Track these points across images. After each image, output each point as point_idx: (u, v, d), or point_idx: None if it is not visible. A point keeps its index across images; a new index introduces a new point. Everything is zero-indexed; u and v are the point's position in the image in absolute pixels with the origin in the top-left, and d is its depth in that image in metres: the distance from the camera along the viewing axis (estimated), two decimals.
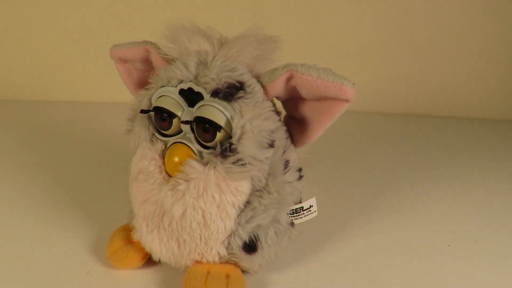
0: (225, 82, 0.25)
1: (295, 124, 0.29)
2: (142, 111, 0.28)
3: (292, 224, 0.30)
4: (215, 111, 0.25)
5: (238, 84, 0.26)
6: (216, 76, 0.26)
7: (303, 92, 0.26)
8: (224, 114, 0.25)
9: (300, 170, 0.30)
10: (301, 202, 0.31)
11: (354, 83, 0.24)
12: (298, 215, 0.31)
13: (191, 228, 0.26)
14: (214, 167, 0.25)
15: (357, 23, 0.72)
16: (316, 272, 0.30)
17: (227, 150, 0.25)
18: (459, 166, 0.52)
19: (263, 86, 0.26)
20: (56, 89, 0.76)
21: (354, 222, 0.37)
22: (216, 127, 0.25)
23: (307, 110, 0.28)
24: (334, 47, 0.73)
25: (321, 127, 0.27)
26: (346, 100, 0.25)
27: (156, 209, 0.27)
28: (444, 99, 0.77)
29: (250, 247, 0.27)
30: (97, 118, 0.66)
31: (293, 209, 0.30)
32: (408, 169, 0.50)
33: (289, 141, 0.29)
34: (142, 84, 0.34)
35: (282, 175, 0.28)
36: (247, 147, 0.25)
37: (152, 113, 0.28)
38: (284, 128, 0.28)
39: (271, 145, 0.26)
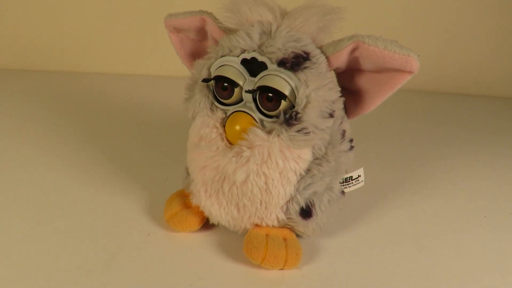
0: (291, 52, 0.26)
1: (348, 95, 0.30)
2: (204, 80, 0.28)
3: (343, 192, 0.31)
4: (281, 80, 0.26)
5: (304, 54, 0.26)
6: (282, 46, 0.26)
7: (366, 63, 0.27)
8: (289, 83, 0.26)
9: (351, 140, 0.31)
10: (347, 172, 0.32)
11: (419, 55, 0.25)
12: (348, 184, 0.32)
13: (252, 193, 0.27)
14: (278, 135, 0.26)
15: (386, 2, 0.72)
16: (362, 238, 0.32)
17: (292, 118, 0.26)
18: (491, 143, 0.53)
19: (326, 57, 0.27)
20: (88, 60, 0.76)
21: (395, 192, 0.39)
22: (281, 96, 0.26)
23: (364, 81, 0.28)
24: (360, 25, 0.72)
25: (379, 98, 0.28)
26: (410, 72, 0.25)
27: (216, 175, 0.28)
28: (475, 77, 0.76)
29: (306, 212, 0.29)
30: (128, 90, 0.67)
31: (343, 178, 0.31)
32: (444, 145, 0.51)
33: (344, 112, 0.30)
34: (194, 54, 0.35)
35: (339, 145, 0.29)
36: (311, 116, 0.26)
37: (212, 82, 0.28)
38: (342, 99, 0.28)
39: (332, 115, 0.27)
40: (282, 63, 0.26)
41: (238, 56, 0.28)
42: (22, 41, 0.75)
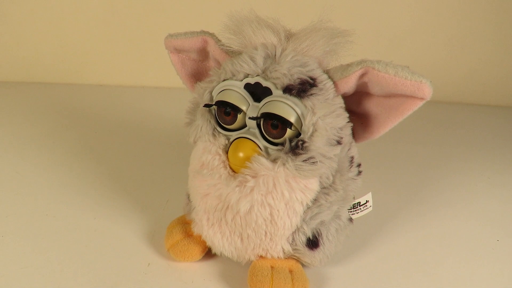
0: (297, 78, 0.25)
1: (356, 119, 0.29)
2: (206, 105, 0.27)
3: (350, 219, 0.30)
4: (286, 107, 0.25)
5: (311, 80, 0.25)
6: (288, 72, 0.25)
7: (375, 89, 0.25)
8: (295, 110, 0.25)
9: (359, 165, 0.30)
10: (354, 197, 0.31)
11: (431, 81, 0.24)
12: (356, 211, 0.31)
13: (256, 224, 0.26)
14: (284, 164, 0.25)
15: (389, 11, 0.71)
16: (370, 265, 0.31)
17: (298, 147, 0.25)
18: (500, 158, 0.51)
19: (333, 82, 0.26)
20: (88, 72, 0.75)
21: (404, 215, 0.37)
22: (286, 124, 0.25)
23: (373, 106, 0.27)
24: (364, 35, 0.71)
25: (389, 124, 0.27)
26: (422, 98, 0.24)
27: (219, 203, 0.27)
28: (483, 86, 0.75)
29: (313, 243, 0.27)
30: (127, 102, 0.66)
31: (351, 205, 0.30)
32: (451, 163, 0.50)
33: (351, 137, 0.29)
34: (195, 74, 0.33)
35: (347, 172, 0.28)
36: (318, 144, 0.25)
37: (215, 107, 0.27)
38: (350, 124, 0.27)
39: (339, 142, 0.26)
40: (287, 89, 0.25)
41: (241, 81, 0.27)
42: (22, 54, 0.74)
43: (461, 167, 0.48)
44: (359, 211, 0.31)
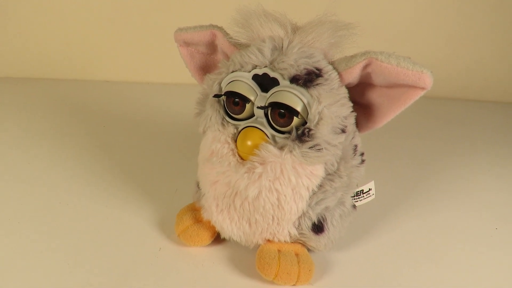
0: (304, 68, 0.26)
1: (359, 109, 0.30)
2: (216, 95, 0.29)
3: (354, 206, 0.31)
4: (293, 97, 0.26)
5: (317, 71, 0.26)
6: (295, 62, 0.26)
7: (378, 79, 0.27)
8: (301, 100, 0.26)
9: (362, 154, 0.31)
10: (358, 185, 0.32)
11: (432, 71, 0.25)
12: (359, 198, 0.32)
13: (264, 209, 0.27)
14: (291, 151, 0.26)
15: (391, 6, 0.71)
16: (374, 251, 0.32)
17: (304, 135, 0.26)
18: (499, 151, 0.52)
19: (338, 72, 0.27)
20: (94, 68, 0.76)
21: (406, 205, 0.39)
22: (293, 112, 0.26)
23: (376, 96, 0.28)
24: (366, 29, 0.72)
25: (391, 113, 0.28)
26: (423, 88, 0.25)
27: (228, 190, 0.28)
28: (486, 82, 0.75)
29: (318, 227, 0.28)
30: (134, 98, 0.67)
31: (354, 192, 0.31)
32: (455, 155, 0.51)
33: (355, 126, 0.30)
34: (204, 67, 0.35)
35: (351, 160, 0.29)
36: (323, 132, 0.26)
37: (223, 97, 0.29)
38: (354, 113, 0.28)
39: (344, 131, 0.27)
40: (294, 80, 0.26)
41: (250, 72, 0.28)
42: (28, 50, 0.75)
43: (462, 161, 0.49)
44: (362, 198, 0.32)
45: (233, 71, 0.28)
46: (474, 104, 0.73)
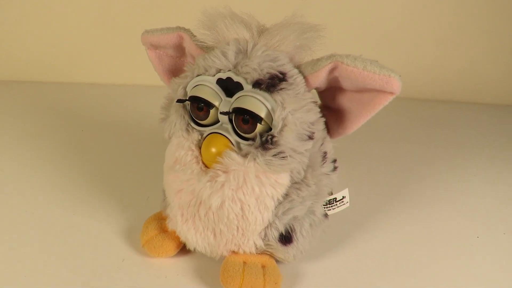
0: (267, 72, 0.25)
1: (331, 114, 0.29)
2: (179, 101, 0.27)
3: (326, 215, 0.30)
4: (256, 102, 0.25)
5: (280, 75, 0.25)
6: (258, 66, 0.25)
7: (346, 83, 0.25)
8: (265, 105, 0.25)
9: (334, 161, 0.30)
10: (332, 193, 0.31)
11: (400, 75, 0.24)
12: (332, 206, 0.31)
13: (228, 219, 0.26)
14: (254, 159, 0.25)
15: (377, 9, 0.70)
16: (346, 262, 0.31)
17: (268, 142, 0.25)
18: (486, 155, 0.51)
19: (304, 77, 0.26)
20: (78, 71, 0.75)
21: (383, 212, 0.37)
22: (256, 118, 0.25)
23: (346, 101, 0.27)
24: (351, 33, 0.71)
25: (361, 119, 0.27)
26: (392, 93, 0.24)
27: (192, 199, 0.27)
28: (468, 84, 0.74)
29: (286, 238, 0.27)
30: (118, 101, 0.66)
31: (326, 200, 0.30)
32: (435, 159, 0.50)
33: (325, 132, 0.29)
34: (173, 70, 0.33)
35: (320, 167, 0.28)
36: (288, 139, 0.25)
37: (188, 102, 0.27)
38: (323, 119, 0.27)
39: (311, 137, 0.26)
40: (257, 84, 0.25)
41: (214, 76, 0.27)
42: (12, 52, 0.74)
43: (447, 165, 0.48)
44: (335, 207, 0.31)
45: (198, 75, 0.27)
46: (461, 106, 0.71)
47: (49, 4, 0.71)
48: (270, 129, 0.25)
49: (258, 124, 0.25)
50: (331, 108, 0.29)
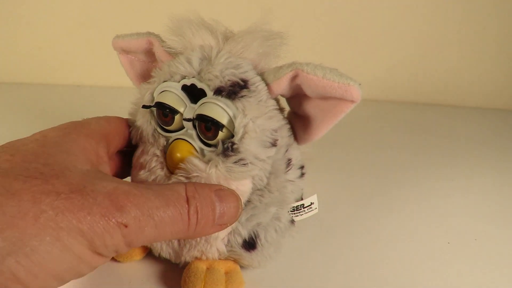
0: (228, 80, 0.25)
1: (298, 121, 0.29)
2: (144, 106, 0.27)
3: (292, 221, 0.30)
4: (218, 109, 0.25)
5: (242, 82, 0.25)
6: (220, 73, 0.25)
7: (308, 91, 0.26)
8: (226, 112, 0.25)
9: (302, 167, 0.30)
10: (302, 199, 0.31)
11: (360, 84, 0.24)
12: (299, 212, 0.31)
13: None
14: (216, 166, 0.25)
15: (360, 11, 0.71)
16: (314, 269, 0.30)
17: (228, 149, 0.25)
18: (458, 160, 0.51)
19: (267, 84, 0.26)
20: (62, 72, 0.75)
21: (353, 218, 0.37)
22: (218, 125, 0.25)
23: (311, 108, 0.27)
24: (336, 36, 0.72)
25: (324, 126, 0.27)
26: (352, 101, 0.24)
27: None
28: (448, 87, 0.76)
29: (250, 244, 0.27)
30: (104, 103, 0.66)
31: (293, 207, 0.30)
32: (407, 163, 0.50)
33: (292, 138, 0.29)
34: (145, 76, 0.34)
35: (284, 174, 0.28)
36: (249, 146, 0.25)
37: (154, 108, 0.28)
38: (288, 126, 0.27)
39: (274, 144, 0.26)
40: (218, 91, 0.25)
41: (179, 82, 0.27)
42: None
43: (421, 171, 0.48)
44: (303, 213, 0.31)
45: (164, 81, 0.27)
46: (444, 110, 0.72)
47: (34, 6, 0.71)
48: (233, 136, 0.25)
49: (220, 131, 0.25)
50: (298, 114, 0.29)
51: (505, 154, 0.55)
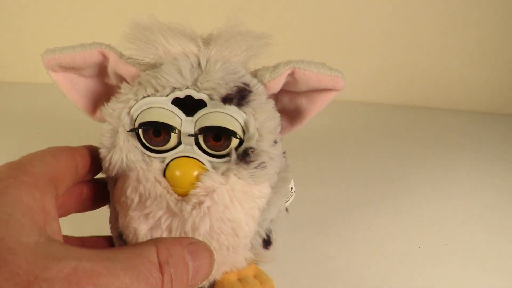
0: (234, 86, 0.24)
1: (283, 113, 0.30)
2: (132, 130, 0.24)
3: (286, 209, 0.32)
4: (228, 117, 0.24)
5: (246, 87, 0.25)
6: (222, 81, 0.24)
7: (299, 86, 0.27)
8: (236, 119, 0.24)
9: (284, 152, 0.31)
10: None
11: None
12: (289, 198, 0.33)
13: (218, 242, 0.25)
14: (236, 175, 0.24)
15: (354, 14, 0.72)
16: (304, 267, 0.33)
17: (248, 155, 0.24)
18: (432, 165, 0.52)
19: (263, 84, 0.26)
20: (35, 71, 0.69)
21: (327, 221, 0.39)
22: (230, 133, 0.24)
23: (299, 100, 0.28)
24: (330, 39, 0.72)
25: (311, 115, 0.29)
26: (338, 90, 0.27)
27: (169, 234, 0.24)
28: (440, 91, 0.77)
29: (267, 242, 0.28)
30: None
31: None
32: (384, 166, 0.50)
33: None
34: (94, 96, 0.28)
35: (285, 167, 0.29)
36: (265, 149, 0.25)
37: (139, 129, 0.24)
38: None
39: (276, 141, 0.27)
40: (227, 99, 0.24)
41: (168, 96, 0.24)
42: None
43: (404, 173, 0.49)
44: (289, 199, 0.33)
45: (144, 97, 0.24)
46: (435, 113, 0.73)
47: (16, 3, 0.67)
48: (241, 142, 0.25)
49: (233, 139, 0.24)
50: (284, 108, 0.30)
51: (478, 160, 0.54)
